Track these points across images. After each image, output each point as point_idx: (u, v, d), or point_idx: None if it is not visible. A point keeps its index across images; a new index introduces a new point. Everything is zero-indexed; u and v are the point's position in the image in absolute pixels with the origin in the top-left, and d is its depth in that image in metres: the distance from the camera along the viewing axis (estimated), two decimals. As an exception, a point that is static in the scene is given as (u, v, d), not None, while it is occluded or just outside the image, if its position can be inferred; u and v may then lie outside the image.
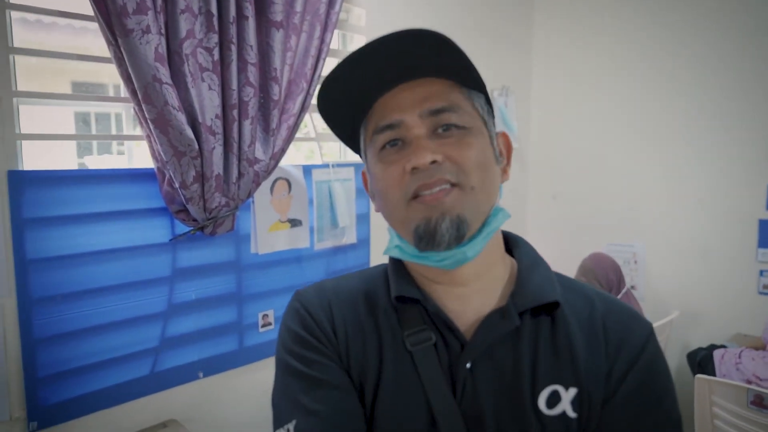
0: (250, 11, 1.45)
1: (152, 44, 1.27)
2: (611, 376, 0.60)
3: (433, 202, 0.57)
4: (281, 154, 1.61)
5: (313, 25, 1.63)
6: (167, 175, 1.42)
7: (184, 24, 1.34)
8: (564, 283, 0.67)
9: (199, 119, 1.38)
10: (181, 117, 1.33)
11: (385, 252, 0.67)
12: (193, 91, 1.36)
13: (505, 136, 0.68)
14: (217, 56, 1.41)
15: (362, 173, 0.71)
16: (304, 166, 1.83)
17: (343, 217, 1.93)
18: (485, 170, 0.60)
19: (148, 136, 1.39)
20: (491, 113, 0.65)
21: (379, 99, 0.61)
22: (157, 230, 1.51)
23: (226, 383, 1.71)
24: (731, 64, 2.33)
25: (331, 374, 0.61)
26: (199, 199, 1.43)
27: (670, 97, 2.51)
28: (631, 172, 2.66)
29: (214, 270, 1.64)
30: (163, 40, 1.32)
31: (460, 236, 0.58)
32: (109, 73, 1.34)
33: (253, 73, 1.47)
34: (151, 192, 1.49)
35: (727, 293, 2.39)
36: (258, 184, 1.56)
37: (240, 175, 1.50)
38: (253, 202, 1.69)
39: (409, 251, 0.63)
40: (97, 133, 3.42)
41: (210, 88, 1.41)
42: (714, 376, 1.94)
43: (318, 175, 1.88)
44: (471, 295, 0.64)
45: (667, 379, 0.62)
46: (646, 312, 2.49)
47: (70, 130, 3.51)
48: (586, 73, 2.77)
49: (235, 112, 1.45)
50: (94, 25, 1.29)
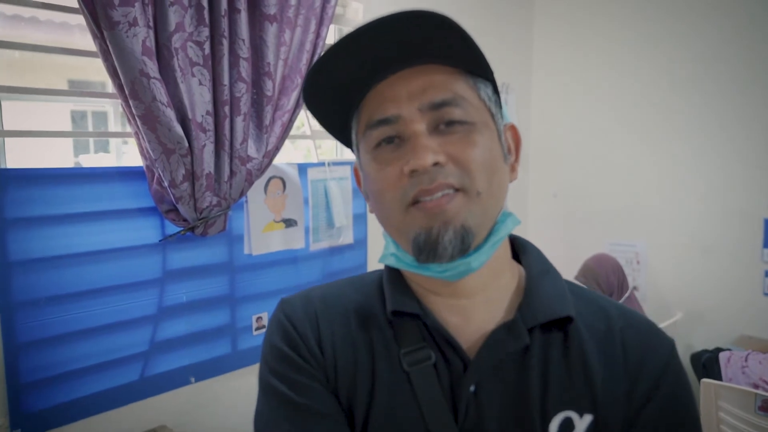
0: (242, 4, 1.40)
1: (140, 37, 1.22)
2: (632, 399, 0.54)
3: (434, 210, 0.51)
4: (275, 152, 1.56)
5: (308, 19, 1.58)
6: (156, 174, 1.38)
7: (173, 16, 1.29)
8: (577, 293, 0.61)
9: (189, 116, 1.33)
10: (170, 113, 1.28)
11: (381, 260, 0.61)
12: (182, 87, 1.31)
13: (513, 129, 0.61)
14: (207, 50, 1.36)
15: (354, 169, 0.64)
16: (299, 165, 1.78)
17: (340, 217, 1.88)
18: (493, 172, 0.53)
19: (137, 133, 1.34)
20: (499, 103, 0.58)
21: (372, 88, 0.55)
22: (146, 231, 1.46)
23: (218, 388, 1.66)
24: (735, 60, 2.29)
25: (318, 399, 0.55)
26: (189, 198, 1.38)
27: (673, 94, 2.46)
28: (634, 169, 2.61)
29: (206, 271, 1.59)
30: (152, 34, 1.27)
31: (465, 248, 0.52)
32: (103, 70, 1.29)
33: (245, 68, 1.42)
34: (139, 191, 1.44)
35: (732, 294, 2.35)
36: (251, 183, 1.51)
37: (232, 173, 1.45)
38: (247, 202, 1.64)
39: (407, 260, 0.56)
40: (87, 131, 3.36)
41: (200, 84, 1.36)
42: (719, 379, 1.90)
43: (314, 174, 1.83)
44: (475, 308, 0.58)
45: (692, 401, 0.56)
46: (649, 313, 2.45)
47: (66, 128, 3.46)
48: (586, 70, 2.73)
49: (227, 109, 1.40)
50: (78, 20, 1.24)
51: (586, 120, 2.75)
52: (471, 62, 0.54)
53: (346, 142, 0.62)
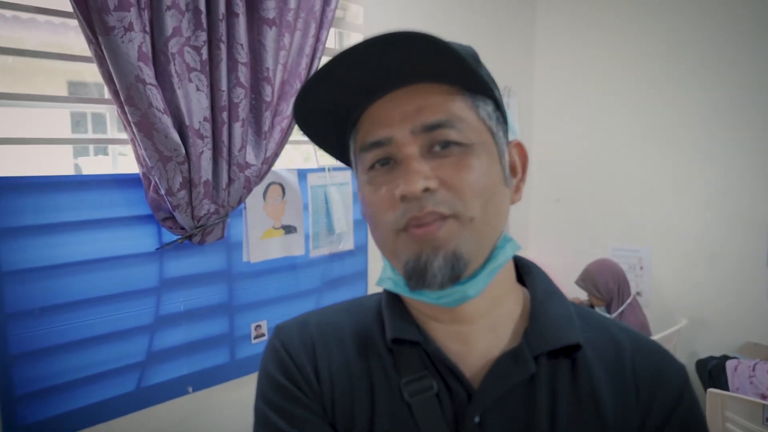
0: (240, 8, 1.37)
1: (135, 43, 1.19)
2: (645, 430, 0.52)
3: (424, 237, 0.49)
4: (274, 159, 1.53)
5: (307, 23, 1.56)
6: (153, 181, 1.35)
7: (170, 21, 1.26)
8: (584, 317, 0.58)
9: (186, 122, 1.30)
10: (167, 120, 1.26)
11: (378, 283, 0.59)
12: (179, 93, 1.29)
13: (519, 147, 0.58)
14: (205, 55, 1.33)
15: (358, 188, 0.63)
16: (299, 170, 1.76)
17: (340, 223, 1.86)
18: (489, 196, 0.51)
19: (133, 140, 1.32)
20: (502, 120, 0.56)
21: (366, 109, 0.53)
22: (143, 239, 1.43)
23: (216, 398, 1.63)
24: (740, 64, 2.26)
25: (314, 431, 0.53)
26: (186, 206, 1.36)
27: (677, 98, 2.43)
28: (637, 174, 2.58)
29: (204, 279, 1.57)
30: (148, 39, 1.24)
31: (456, 275, 0.49)
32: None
33: (243, 73, 1.39)
34: (136, 199, 1.41)
35: (737, 300, 2.32)
36: (249, 190, 1.49)
37: (230, 180, 1.42)
38: (245, 209, 1.61)
39: (402, 285, 0.54)
40: (82, 136, 3.34)
41: (198, 89, 1.33)
42: (726, 388, 1.87)
43: (313, 180, 1.80)
44: (477, 335, 0.55)
45: (705, 429, 0.54)
46: (653, 319, 2.42)
47: (66, 132, 3.44)
48: (589, 74, 2.70)
49: (225, 115, 1.37)
50: (76, 22, 1.21)
51: (588, 124, 2.73)
52: (469, 80, 0.51)
53: (346, 161, 0.60)
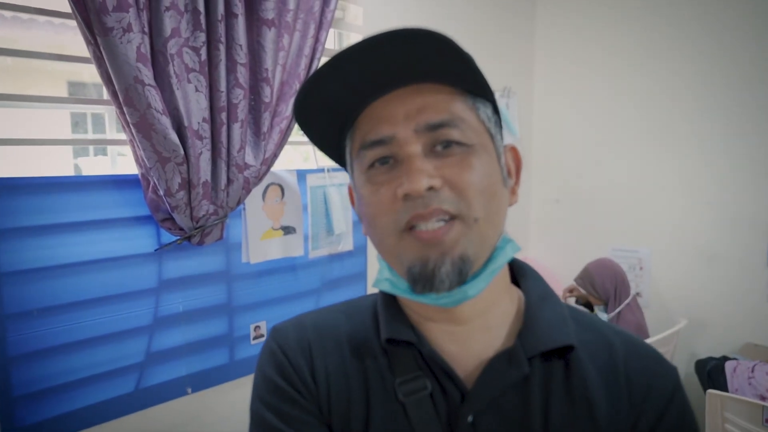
0: (239, 9, 1.37)
1: (134, 43, 1.19)
2: (636, 431, 0.53)
3: (431, 241, 0.49)
4: (273, 159, 1.53)
5: (307, 24, 1.56)
6: (152, 182, 1.35)
7: (169, 22, 1.26)
8: (578, 319, 0.59)
9: (185, 123, 1.30)
10: (166, 121, 1.26)
11: (375, 285, 0.59)
12: (178, 93, 1.29)
13: (514, 151, 0.59)
14: (204, 56, 1.33)
15: (348, 189, 0.62)
16: (298, 171, 1.75)
17: (339, 224, 1.86)
18: (491, 197, 0.51)
19: (131, 141, 1.32)
20: (499, 124, 0.56)
21: (367, 107, 0.53)
22: (142, 240, 1.43)
23: (215, 399, 1.63)
24: (741, 63, 2.25)
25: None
26: (185, 207, 1.36)
27: (678, 98, 2.43)
28: (637, 175, 2.58)
29: (203, 280, 1.57)
30: (147, 39, 1.24)
31: (462, 279, 0.49)
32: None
33: (243, 74, 1.39)
34: (135, 199, 1.41)
35: (737, 301, 2.32)
36: (248, 191, 1.49)
37: (229, 181, 1.42)
38: (244, 209, 1.61)
39: (402, 287, 0.54)
40: (80, 136, 3.34)
41: (197, 90, 1.33)
42: (725, 389, 1.87)
43: (313, 180, 1.80)
44: (472, 335, 0.56)
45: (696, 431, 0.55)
46: (652, 320, 2.41)
47: (66, 132, 3.44)
48: (589, 74, 2.70)
49: (224, 115, 1.37)
50: (74, 23, 1.21)
51: (588, 124, 2.72)
52: (470, 82, 0.52)
53: (340, 161, 0.59)
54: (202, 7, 1.31)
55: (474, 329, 0.55)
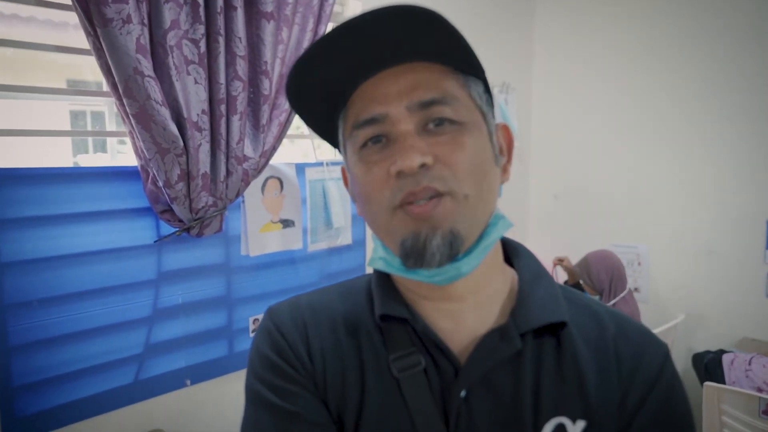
0: (238, 1, 1.38)
1: (134, 35, 1.20)
2: (625, 406, 0.53)
3: (422, 215, 0.49)
4: (272, 152, 1.54)
5: (305, 17, 1.56)
6: (151, 174, 1.35)
7: (168, 14, 1.27)
8: (569, 298, 0.59)
9: (185, 114, 1.31)
10: (165, 112, 1.26)
11: (370, 263, 0.59)
12: (177, 85, 1.29)
13: (505, 129, 0.59)
14: (203, 48, 1.34)
15: (342, 170, 0.62)
16: (297, 165, 1.76)
17: (338, 218, 1.86)
18: (482, 174, 0.52)
19: (131, 133, 1.32)
20: (491, 103, 0.57)
21: (359, 87, 0.53)
22: (141, 231, 1.44)
23: (214, 391, 1.64)
24: (740, 59, 2.26)
25: (307, 407, 0.54)
26: (184, 198, 1.36)
27: (677, 94, 2.44)
28: (636, 170, 2.59)
29: (202, 272, 1.57)
30: (146, 31, 1.25)
31: (453, 253, 0.49)
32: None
33: (242, 67, 1.40)
34: (134, 191, 1.42)
35: (734, 296, 2.33)
36: (247, 183, 1.49)
37: (228, 173, 1.43)
38: (243, 202, 1.62)
39: (395, 264, 0.55)
40: (78, 130, 3.34)
41: (196, 82, 1.34)
42: (722, 381, 1.88)
43: (311, 174, 1.81)
44: (465, 312, 0.56)
45: (686, 406, 0.55)
46: (650, 315, 2.42)
47: (65, 128, 3.45)
48: (589, 70, 2.70)
49: (223, 108, 1.38)
50: (75, 19, 1.22)
51: (587, 120, 2.73)
52: (461, 60, 0.52)
53: (333, 142, 0.60)
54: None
55: (467, 307, 0.56)
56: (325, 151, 1.99)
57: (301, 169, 1.77)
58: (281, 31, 1.49)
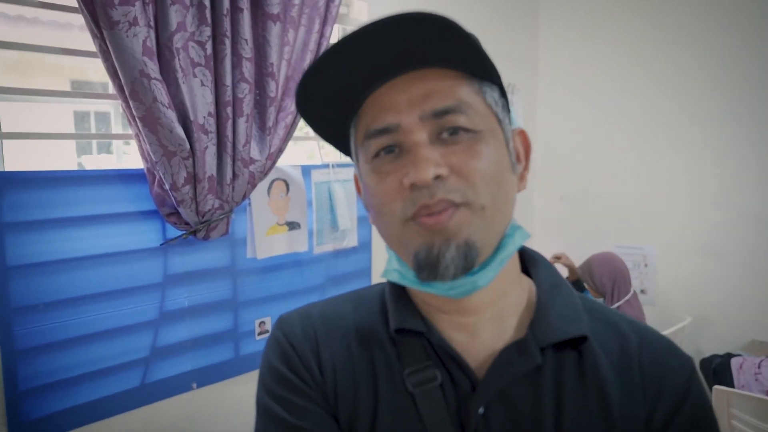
0: (245, 3, 1.37)
1: (140, 37, 1.19)
2: (651, 423, 0.51)
3: (435, 227, 0.47)
4: (278, 154, 1.53)
5: (312, 19, 1.56)
6: (157, 176, 1.35)
7: (174, 16, 1.26)
8: (590, 309, 0.57)
9: (191, 117, 1.30)
10: (171, 114, 1.25)
11: (384, 275, 0.58)
12: (184, 88, 1.28)
13: (523, 135, 0.58)
14: (209, 50, 1.33)
15: (354, 177, 0.60)
16: (303, 167, 1.75)
17: (344, 220, 1.85)
18: (498, 184, 0.50)
19: (137, 135, 1.32)
20: (507, 108, 0.55)
21: (371, 95, 0.51)
22: (147, 234, 1.43)
23: (220, 394, 1.63)
24: (746, 60, 2.24)
25: (317, 423, 0.52)
26: (191, 201, 1.36)
27: (683, 96, 2.42)
28: (642, 172, 2.57)
29: (208, 275, 1.57)
30: (152, 33, 1.24)
31: (468, 266, 0.48)
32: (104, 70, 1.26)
33: (248, 69, 1.39)
34: (140, 194, 1.41)
35: (742, 298, 2.31)
36: (254, 186, 1.48)
37: (234, 176, 1.42)
38: (250, 204, 1.61)
39: (410, 277, 0.53)
40: (87, 132, 3.34)
41: (202, 84, 1.33)
42: (731, 385, 1.86)
43: (317, 176, 1.80)
44: (482, 326, 0.54)
45: (714, 423, 0.53)
46: (657, 318, 2.41)
47: (70, 129, 3.45)
48: (594, 71, 2.69)
49: (229, 110, 1.37)
50: (80, 20, 1.21)
51: (593, 121, 2.71)
52: (476, 65, 0.50)
53: (345, 150, 0.58)
54: (207, 2, 1.31)
55: (484, 320, 0.54)
56: (331, 153, 1.98)
57: (306, 171, 1.76)
58: (287, 33, 1.48)
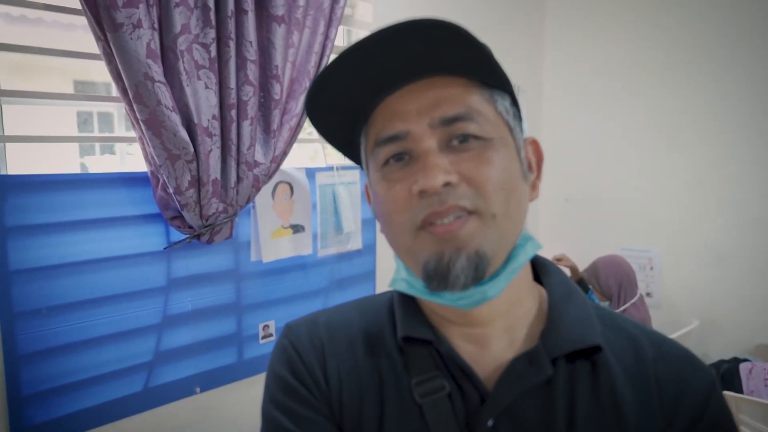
0: (249, 5, 1.36)
1: (144, 40, 1.18)
2: None
3: (446, 235, 0.46)
4: (283, 157, 1.52)
5: (316, 20, 1.54)
6: (161, 180, 1.34)
7: (178, 18, 1.25)
8: (604, 318, 0.56)
9: (195, 120, 1.29)
10: (175, 117, 1.24)
11: (391, 284, 0.57)
12: (188, 90, 1.27)
13: (535, 144, 0.57)
14: (214, 53, 1.32)
15: (365, 187, 0.60)
16: (307, 169, 1.74)
17: (348, 223, 1.84)
18: (510, 192, 0.49)
19: (141, 138, 1.31)
20: (518, 116, 0.54)
21: (381, 103, 0.51)
22: (151, 238, 1.42)
23: (224, 398, 1.62)
24: (752, 64, 2.23)
25: None
26: (195, 205, 1.34)
27: (689, 98, 2.40)
28: (648, 174, 2.55)
29: (212, 279, 1.55)
30: (156, 36, 1.23)
31: (479, 276, 0.47)
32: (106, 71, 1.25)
33: (252, 71, 1.38)
34: (144, 197, 1.40)
35: (749, 301, 2.29)
36: (258, 189, 1.47)
37: (239, 179, 1.41)
38: (254, 208, 1.60)
39: (419, 287, 0.52)
40: (91, 134, 3.34)
41: (206, 87, 1.32)
42: (739, 391, 1.84)
43: (322, 179, 1.79)
44: (492, 336, 0.53)
45: None
46: (663, 321, 2.39)
47: (72, 131, 3.44)
48: (599, 72, 2.67)
49: (234, 113, 1.36)
50: (83, 21, 1.20)
51: (598, 123, 2.70)
52: (486, 73, 0.50)
53: (355, 159, 0.58)
54: (212, 3, 1.30)
55: (494, 330, 0.53)
56: (335, 155, 1.97)
57: (311, 173, 1.75)
58: (292, 35, 1.47)
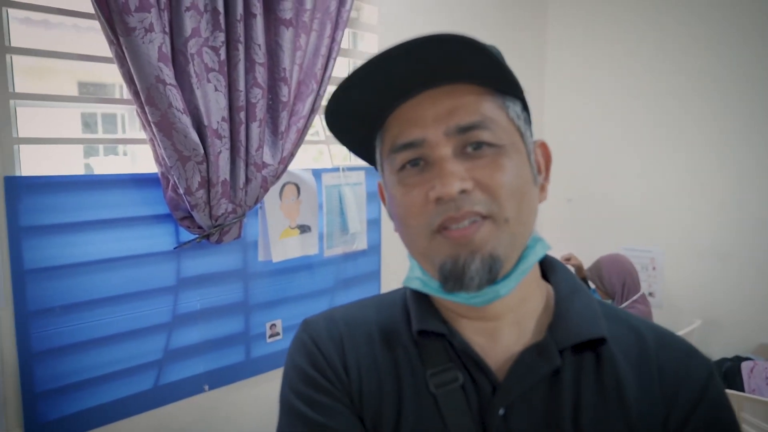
0: (258, 9, 1.38)
1: (156, 43, 1.20)
2: (668, 425, 0.52)
3: (461, 239, 0.49)
4: (290, 158, 1.54)
5: (323, 24, 1.57)
6: (171, 181, 1.36)
7: (189, 22, 1.27)
8: (608, 312, 0.59)
9: (205, 122, 1.31)
10: (186, 120, 1.27)
11: (405, 282, 0.59)
12: (198, 93, 1.30)
13: (543, 147, 0.59)
14: (223, 56, 1.34)
15: (378, 184, 0.62)
16: (313, 170, 1.76)
17: (354, 223, 1.86)
18: (522, 197, 0.51)
19: (152, 140, 1.33)
20: (529, 121, 0.57)
21: (397, 109, 0.53)
22: (161, 238, 1.45)
23: (232, 396, 1.64)
24: (754, 64, 2.24)
25: (342, 421, 0.54)
26: (204, 205, 1.37)
27: (691, 98, 2.42)
28: (650, 174, 2.57)
29: (220, 279, 1.58)
30: (168, 39, 1.25)
31: (492, 277, 0.49)
32: (115, 73, 1.27)
33: (261, 74, 1.40)
34: (154, 198, 1.42)
35: (751, 301, 2.30)
36: (266, 190, 1.49)
37: (247, 180, 1.43)
38: (262, 208, 1.62)
39: (433, 286, 0.55)
40: (101, 135, 3.37)
41: (216, 90, 1.34)
42: (741, 389, 1.86)
43: (328, 179, 1.81)
44: (502, 330, 0.56)
45: (735, 425, 0.54)
46: (665, 320, 2.40)
47: (76, 131, 3.47)
48: (601, 73, 2.69)
49: (243, 115, 1.38)
50: (97, 24, 1.22)
51: (600, 124, 2.71)
52: (499, 81, 0.52)
53: (369, 160, 0.60)
54: (221, 7, 1.32)
55: (504, 324, 0.56)
56: (340, 156, 1.99)
57: (317, 174, 1.77)
58: (299, 38, 1.49)
